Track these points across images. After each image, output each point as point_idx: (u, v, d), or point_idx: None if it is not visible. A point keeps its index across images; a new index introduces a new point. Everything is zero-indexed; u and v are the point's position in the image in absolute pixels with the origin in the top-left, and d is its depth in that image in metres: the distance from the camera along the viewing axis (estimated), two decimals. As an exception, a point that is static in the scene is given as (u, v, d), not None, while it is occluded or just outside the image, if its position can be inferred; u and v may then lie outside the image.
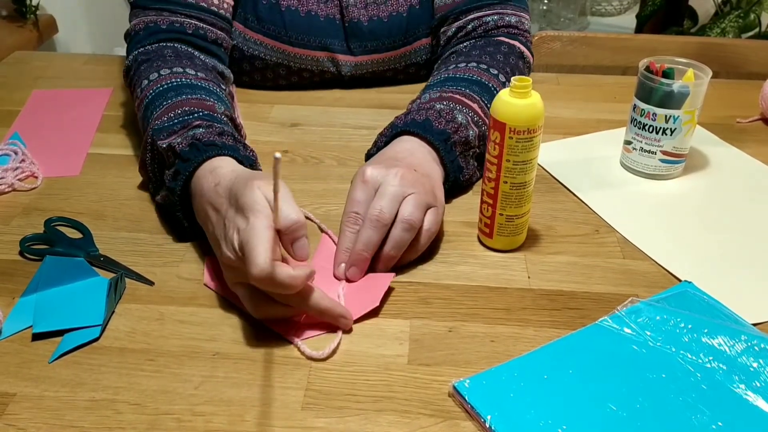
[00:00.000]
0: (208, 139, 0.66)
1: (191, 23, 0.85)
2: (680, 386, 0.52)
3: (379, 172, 0.65)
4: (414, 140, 0.73)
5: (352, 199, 0.65)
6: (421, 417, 0.51)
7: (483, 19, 0.93)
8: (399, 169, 0.65)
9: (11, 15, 1.62)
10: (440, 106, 0.77)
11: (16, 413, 0.51)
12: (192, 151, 0.65)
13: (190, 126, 0.69)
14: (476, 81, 0.83)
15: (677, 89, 0.76)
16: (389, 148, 0.73)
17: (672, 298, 0.61)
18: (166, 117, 0.71)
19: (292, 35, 0.94)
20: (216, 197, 0.60)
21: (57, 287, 0.62)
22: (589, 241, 0.71)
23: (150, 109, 0.75)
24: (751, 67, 1.14)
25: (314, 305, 0.57)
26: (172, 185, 0.66)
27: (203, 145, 0.65)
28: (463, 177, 0.76)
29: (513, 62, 0.89)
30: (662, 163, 0.80)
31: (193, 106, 0.72)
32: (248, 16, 0.93)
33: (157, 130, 0.70)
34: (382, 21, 0.95)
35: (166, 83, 0.76)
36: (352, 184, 0.67)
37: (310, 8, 0.93)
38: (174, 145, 0.67)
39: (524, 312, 0.61)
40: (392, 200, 0.63)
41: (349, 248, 0.63)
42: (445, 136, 0.73)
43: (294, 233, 0.56)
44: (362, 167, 0.68)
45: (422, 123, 0.74)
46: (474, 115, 0.78)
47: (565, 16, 2.26)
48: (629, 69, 1.13)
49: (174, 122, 0.70)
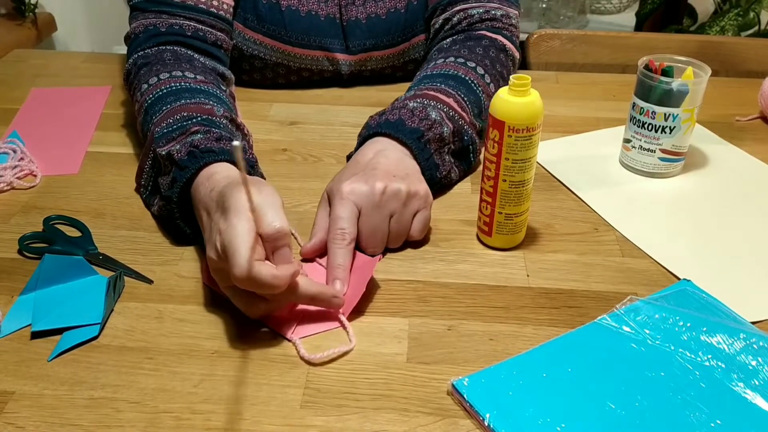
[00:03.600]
0: (205, 145, 0.66)
1: (191, 25, 0.85)
2: (679, 384, 0.52)
3: (358, 186, 0.65)
4: (386, 141, 0.72)
5: (337, 217, 0.64)
6: (419, 415, 0.51)
7: (468, 11, 0.92)
8: (377, 182, 0.65)
9: (10, 13, 1.62)
10: (413, 104, 0.76)
11: (15, 411, 0.51)
12: (189, 159, 0.65)
13: (189, 132, 0.68)
14: (452, 75, 0.83)
15: (676, 87, 0.76)
16: (362, 152, 0.72)
17: (671, 297, 0.61)
18: (165, 123, 0.71)
19: (292, 35, 0.94)
20: (209, 202, 0.59)
21: (56, 285, 0.62)
22: (588, 239, 0.71)
23: (149, 114, 0.74)
24: (751, 65, 1.15)
25: (303, 294, 0.56)
26: (169, 193, 0.66)
27: (200, 152, 0.65)
28: (440, 174, 0.75)
29: (493, 55, 0.88)
30: (661, 161, 0.80)
31: (192, 111, 0.71)
32: (248, 16, 0.93)
33: (157, 137, 0.70)
34: (380, 18, 0.95)
35: (166, 87, 0.76)
36: (333, 201, 0.66)
37: (310, 8, 0.93)
38: (173, 152, 0.66)
39: (523, 310, 0.61)
40: (383, 219, 0.65)
41: (342, 264, 0.62)
42: (418, 134, 0.73)
43: (276, 242, 0.55)
44: (337, 183, 0.66)
45: (395, 123, 0.74)
46: (449, 110, 0.77)
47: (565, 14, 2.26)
48: (628, 67, 1.13)
49: (173, 128, 0.70)
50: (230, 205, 0.54)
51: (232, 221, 0.53)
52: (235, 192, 0.55)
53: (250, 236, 0.52)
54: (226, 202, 0.55)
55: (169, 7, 0.85)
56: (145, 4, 0.86)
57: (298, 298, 0.57)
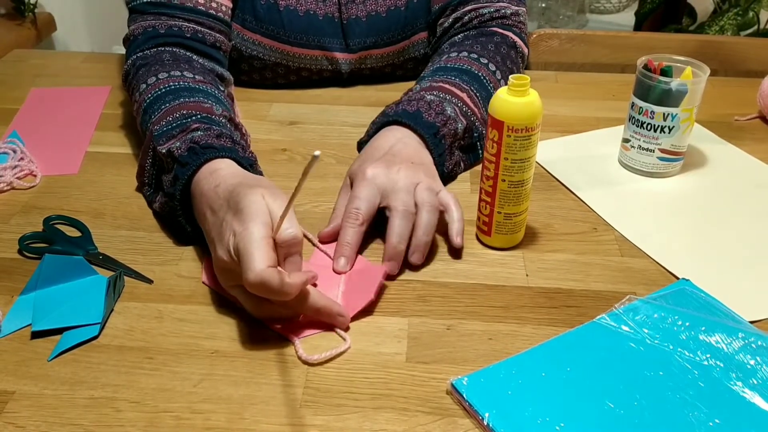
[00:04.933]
0: (206, 141, 0.66)
1: (190, 27, 0.85)
2: (677, 383, 0.52)
3: (381, 170, 0.67)
4: (404, 130, 0.74)
5: (356, 197, 0.66)
6: (419, 414, 0.51)
7: (479, 10, 0.93)
8: (399, 165, 0.68)
9: (9, 13, 1.62)
10: (431, 97, 0.78)
11: (15, 411, 0.51)
12: (190, 156, 0.65)
13: (189, 129, 0.68)
14: (466, 70, 0.84)
15: (675, 87, 0.76)
16: (379, 138, 0.74)
17: (670, 296, 0.61)
18: (165, 121, 0.71)
19: (291, 35, 0.94)
20: (215, 199, 0.60)
21: (56, 285, 0.62)
22: (587, 239, 0.71)
23: (148, 113, 0.75)
24: (750, 64, 1.14)
25: (312, 305, 0.57)
26: (171, 190, 0.66)
27: (201, 148, 0.65)
28: (446, 169, 0.77)
29: (504, 52, 0.90)
30: (660, 161, 0.80)
31: (191, 109, 0.72)
32: (246, 17, 0.93)
33: (156, 135, 0.70)
34: (380, 16, 0.95)
35: (164, 87, 0.76)
36: (355, 182, 0.68)
37: (308, 7, 0.93)
38: (173, 150, 0.66)
39: (522, 310, 0.61)
40: (408, 192, 0.66)
41: (350, 242, 0.64)
42: (435, 130, 0.75)
43: (290, 248, 0.55)
44: (361, 166, 0.69)
45: (413, 114, 0.75)
46: (463, 106, 0.79)
47: (564, 13, 2.26)
48: (628, 67, 1.13)
49: (172, 126, 0.70)
50: (245, 207, 0.54)
51: (248, 226, 0.53)
52: (250, 194, 0.55)
53: (267, 242, 0.53)
54: (241, 203, 0.55)
55: (169, 9, 0.85)
56: (144, 6, 0.86)
57: (305, 309, 0.57)
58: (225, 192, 0.59)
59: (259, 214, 0.54)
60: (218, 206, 0.59)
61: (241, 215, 0.55)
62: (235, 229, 0.54)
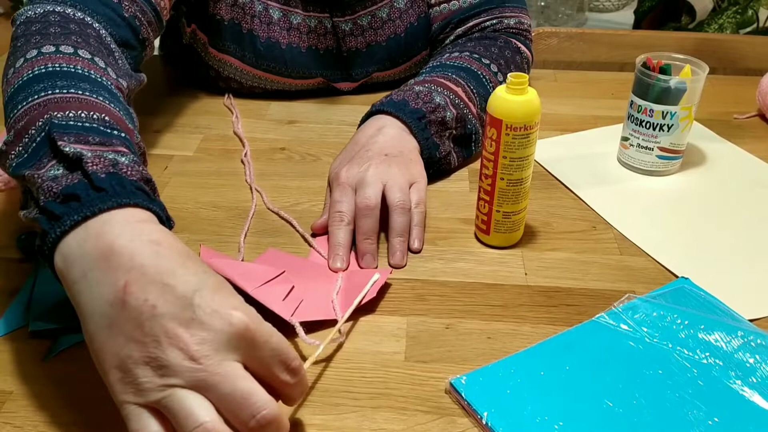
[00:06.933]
0: (135, 178, 0.49)
1: (130, 8, 0.72)
2: (677, 382, 0.52)
3: (353, 171, 0.69)
4: (387, 118, 0.75)
5: (334, 201, 0.68)
6: (417, 414, 0.51)
7: (482, 24, 0.93)
8: (369, 162, 0.70)
9: (7, 12, 1.62)
10: (420, 88, 0.79)
11: (13, 411, 0.51)
12: (112, 184, 0.47)
13: (112, 147, 0.51)
14: (465, 68, 0.84)
15: (674, 85, 0.75)
16: (361, 131, 0.76)
17: (669, 295, 0.61)
18: (74, 113, 0.53)
19: (293, 70, 0.93)
20: (136, 255, 0.43)
21: (53, 286, 0.62)
22: (586, 237, 0.71)
23: (45, 82, 0.56)
24: (749, 63, 1.14)
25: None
26: (62, 211, 0.46)
27: (131, 184, 0.48)
28: (440, 154, 0.77)
29: (508, 55, 0.89)
30: (659, 159, 0.80)
31: (115, 120, 0.55)
32: (246, 54, 0.92)
33: (60, 124, 0.51)
34: (380, 45, 0.94)
35: (75, 68, 0.58)
36: (331, 188, 0.70)
37: (310, 43, 0.92)
38: (86, 160, 0.48)
39: (521, 309, 0.61)
40: (374, 187, 0.67)
41: (341, 243, 0.65)
42: (419, 115, 0.75)
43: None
44: (335, 169, 0.71)
45: (398, 103, 0.76)
46: (455, 98, 0.79)
47: (563, 12, 2.26)
48: (626, 65, 1.13)
49: (87, 127, 0.52)
50: (224, 332, 0.41)
51: (229, 368, 0.41)
52: (224, 314, 0.41)
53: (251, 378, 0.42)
54: (214, 323, 0.41)
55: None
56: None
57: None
58: (168, 267, 0.43)
59: (245, 344, 0.42)
60: (134, 268, 0.42)
61: (219, 343, 0.41)
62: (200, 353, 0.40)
